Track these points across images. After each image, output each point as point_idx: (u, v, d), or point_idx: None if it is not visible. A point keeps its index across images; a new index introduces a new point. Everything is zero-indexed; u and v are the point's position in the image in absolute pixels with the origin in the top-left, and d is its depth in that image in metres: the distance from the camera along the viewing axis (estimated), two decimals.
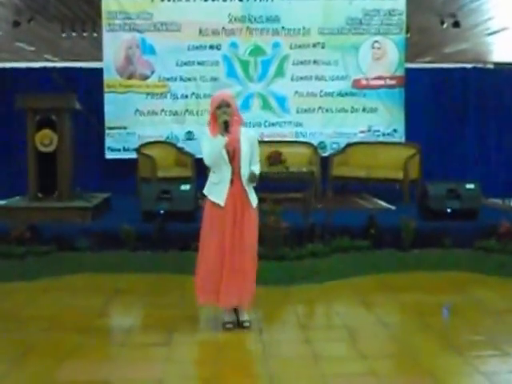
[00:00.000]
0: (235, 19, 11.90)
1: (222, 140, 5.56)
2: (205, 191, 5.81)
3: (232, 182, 5.66)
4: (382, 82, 12.08)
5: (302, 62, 12.03)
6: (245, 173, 5.66)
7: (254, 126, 11.29)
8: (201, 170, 10.79)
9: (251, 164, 5.70)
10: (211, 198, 5.72)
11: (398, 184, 10.74)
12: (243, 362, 5.19)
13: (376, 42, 12.04)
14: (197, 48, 11.89)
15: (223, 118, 5.55)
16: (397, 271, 7.69)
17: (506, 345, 5.40)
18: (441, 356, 5.12)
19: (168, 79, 11.92)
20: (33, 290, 7.08)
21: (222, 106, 5.63)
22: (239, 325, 5.79)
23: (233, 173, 5.66)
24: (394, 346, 5.52)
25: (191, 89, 11.95)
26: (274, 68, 12.02)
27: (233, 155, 5.65)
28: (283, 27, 11.94)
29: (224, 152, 5.61)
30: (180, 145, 11.78)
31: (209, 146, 5.63)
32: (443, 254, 7.98)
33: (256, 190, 5.83)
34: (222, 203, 5.65)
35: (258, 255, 5.90)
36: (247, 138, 5.70)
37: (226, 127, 5.54)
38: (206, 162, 5.70)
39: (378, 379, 4.69)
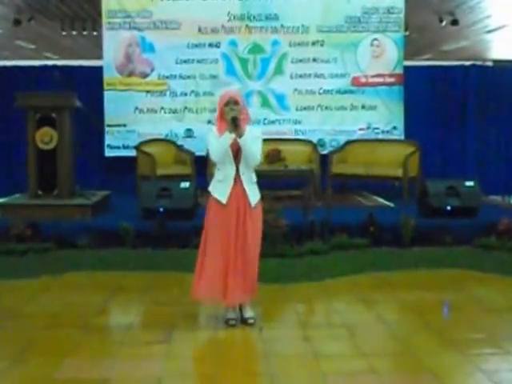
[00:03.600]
0: (234, 17, 11.91)
1: (229, 137, 5.55)
2: (210, 188, 5.83)
3: (235, 180, 5.68)
4: (381, 80, 12.08)
5: (301, 60, 12.04)
6: (245, 172, 5.68)
7: (253, 124, 11.27)
8: (200, 168, 10.89)
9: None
10: (215, 195, 5.74)
11: (397, 181, 10.74)
12: (243, 359, 5.20)
13: (375, 39, 12.05)
14: (196, 46, 11.90)
15: (231, 114, 5.54)
16: (396, 269, 7.69)
17: (507, 343, 5.40)
18: (441, 354, 5.12)
19: (167, 77, 11.92)
20: (33, 288, 7.09)
21: (230, 103, 5.63)
22: (243, 322, 5.81)
23: (237, 171, 5.68)
24: (394, 343, 5.52)
25: (190, 87, 11.95)
26: (273, 66, 12.02)
27: (236, 154, 5.66)
28: (282, 25, 11.94)
29: (229, 150, 5.63)
30: (179, 142, 11.78)
31: (216, 143, 5.63)
32: (443, 252, 7.97)
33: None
34: (224, 201, 5.66)
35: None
36: (251, 134, 5.65)
37: (234, 123, 5.51)
38: (214, 158, 5.72)
39: (378, 377, 4.70)
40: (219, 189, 5.73)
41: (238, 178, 5.69)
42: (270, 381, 4.67)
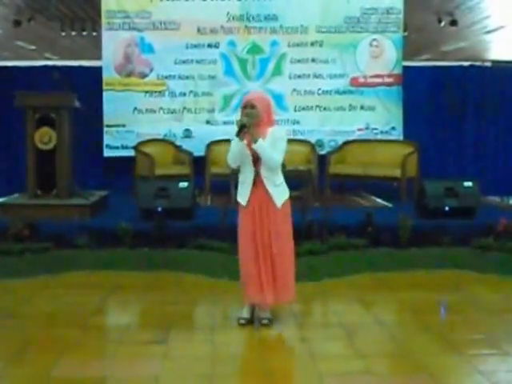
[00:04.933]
0: (233, 18, 11.94)
1: (238, 143, 5.53)
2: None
3: (255, 183, 5.65)
4: (379, 80, 12.11)
5: (299, 61, 12.08)
6: (267, 175, 5.63)
7: None
8: (199, 168, 10.91)
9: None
10: (237, 197, 5.77)
11: (395, 182, 10.75)
12: (240, 359, 5.21)
13: (374, 40, 12.08)
14: (195, 46, 11.94)
15: (240, 121, 5.51)
16: (394, 269, 7.67)
17: (505, 343, 5.40)
18: (439, 355, 5.12)
19: (166, 77, 11.96)
20: (31, 287, 7.08)
21: (247, 106, 5.58)
22: (258, 321, 5.78)
23: (256, 175, 5.64)
24: (392, 344, 5.52)
25: (189, 87, 11.99)
26: (271, 66, 12.06)
27: (257, 157, 5.61)
28: (281, 26, 11.99)
29: (248, 153, 5.60)
30: (178, 143, 11.82)
31: (231, 146, 5.64)
32: (441, 253, 7.96)
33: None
34: (243, 203, 5.69)
35: None
36: (271, 136, 5.61)
37: (238, 130, 5.48)
38: (228, 161, 5.74)
39: (376, 378, 4.70)
40: (240, 191, 5.75)
41: (259, 181, 5.64)
42: (267, 381, 4.67)
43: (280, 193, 5.73)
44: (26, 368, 4.87)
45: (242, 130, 5.48)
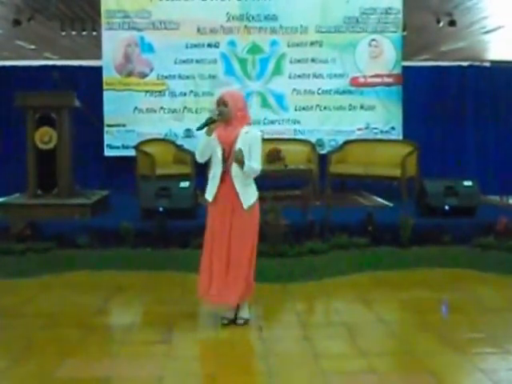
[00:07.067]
0: (233, 18, 11.93)
1: (205, 138, 5.60)
2: None
3: (223, 180, 5.65)
4: (379, 80, 12.11)
5: (299, 60, 12.07)
6: (237, 174, 5.62)
7: (252, 124, 11.31)
8: (200, 168, 10.85)
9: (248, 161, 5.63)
10: (206, 193, 5.79)
11: (395, 181, 10.75)
12: (243, 359, 5.21)
13: (373, 40, 12.08)
14: (195, 46, 11.92)
15: (211, 116, 5.57)
16: (395, 268, 7.70)
17: (506, 342, 5.42)
18: (440, 353, 5.14)
19: (166, 77, 11.95)
20: (33, 287, 7.11)
21: (219, 103, 5.63)
22: (235, 320, 5.83)
23: (224, 171, 5.64)
24: (393, 343, 5.55)
25: (190, 87, 11.98)
26: (272, 66, 12.05)
27: (228, 154, 5.63)
28: (281, 26, 11.97)
29: (219, 149, 5.64)
30: (179, 142, 11.81)
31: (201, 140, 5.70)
32: (441, 251, 7.99)
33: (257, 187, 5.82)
34: (209, 199, 5.72)
35: (257, 252, 5.90)
36: (246, 139, 5.62)
37: (204, 123, 5.54)
38: (196, 155, 5.83)
39: (378, 376, 4.72)
40: (208, 187, 5.77)
41: (227, 178, 5.64)
42: (269, 380, 4.69)
43: (248, 194, 5.70)
44: (29, 368, 4.89)
45: (210, 123, 5.53)
